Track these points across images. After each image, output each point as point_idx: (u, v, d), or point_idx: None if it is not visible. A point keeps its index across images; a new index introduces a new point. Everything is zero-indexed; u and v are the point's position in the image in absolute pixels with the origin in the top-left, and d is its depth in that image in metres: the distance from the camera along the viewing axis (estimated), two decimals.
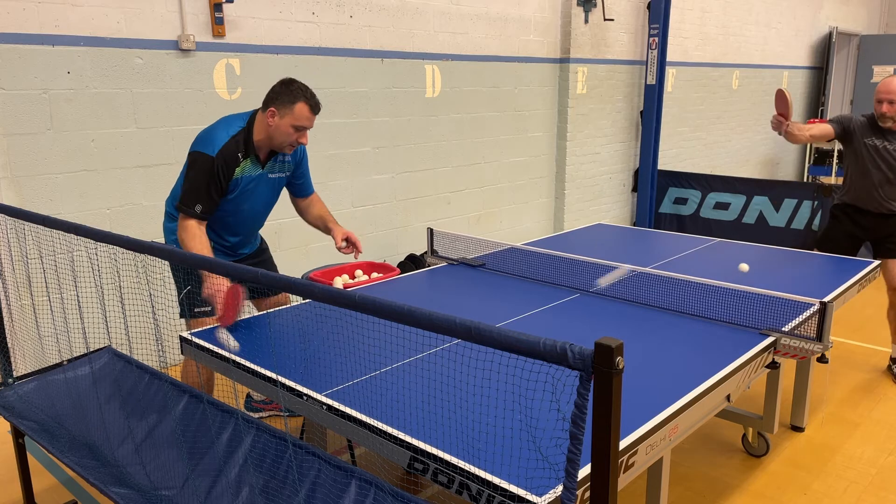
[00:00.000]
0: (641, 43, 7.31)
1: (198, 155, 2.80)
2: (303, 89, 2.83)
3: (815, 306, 2.54)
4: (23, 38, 3.53)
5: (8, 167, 3.58)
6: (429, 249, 3.72)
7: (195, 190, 2.80)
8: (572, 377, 1.92)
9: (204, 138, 2.84)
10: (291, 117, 2.81)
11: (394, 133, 5.31)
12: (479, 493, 1.58)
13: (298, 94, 2.80)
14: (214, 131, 2.84)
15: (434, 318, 1.28)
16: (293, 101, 2.80)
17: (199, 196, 2.80)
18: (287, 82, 2.84)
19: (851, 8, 11.95)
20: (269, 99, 2.84)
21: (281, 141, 2.86)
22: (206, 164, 2.78)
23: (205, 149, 2.80)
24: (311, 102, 2.84)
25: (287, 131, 2.83)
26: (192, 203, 2.80)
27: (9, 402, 2.55)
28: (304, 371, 2.19)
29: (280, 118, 2.81)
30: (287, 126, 2.82)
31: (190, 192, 2.81)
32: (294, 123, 2.82)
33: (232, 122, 2.88)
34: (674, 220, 7.43)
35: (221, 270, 1.68)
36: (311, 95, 2.85)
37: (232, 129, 2.85)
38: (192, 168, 2.82)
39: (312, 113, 2.85)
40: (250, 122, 2.88)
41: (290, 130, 2.83)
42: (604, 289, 3.01)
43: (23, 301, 3.68)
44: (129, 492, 1.96)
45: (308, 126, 2.87)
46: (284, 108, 2.80)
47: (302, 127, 2.84)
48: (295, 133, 2.85)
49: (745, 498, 2.86)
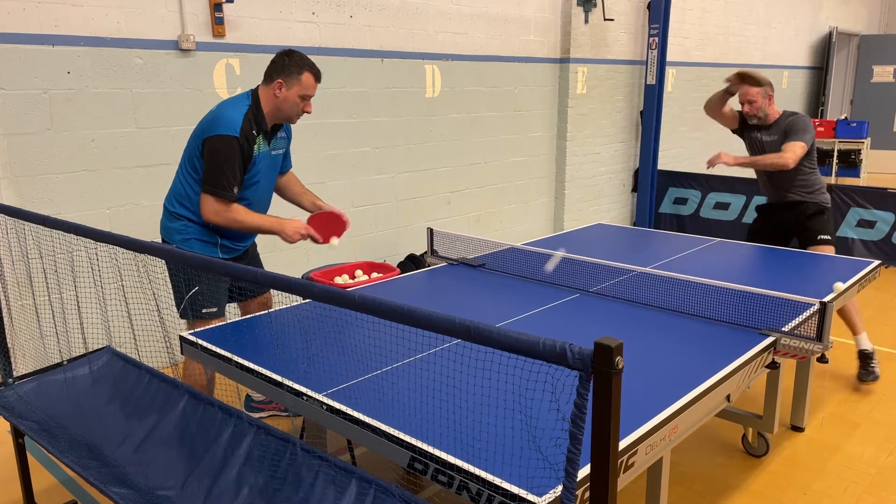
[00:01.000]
0: (641, 43, 7.31)
1: (221, 138, 2.79)
2: (305, 59, 2.91)
3: (815, 306, 2.54)
4: (23, 38, 3.53)
5: (8, 167, 3.58)
6: (429, 249, 3.72)
7: (226, 173, 2.81)
8: (572, 377, 1.92)
9: (218, 121, 2.83)
10: (299, 87, 2.89)
11: (394, 133, 5.31)
12: (479, 493, 1.58)
13: (303, 65, 2.89)
14: (225, 112, 2.84)
15: (434, 318, 1.28)
16: (300, 72, 2.88)
17: (233, 178, 2.83)
18: (288, 53, 2.90)
19: (851, 8, 11.95)
20: (274, 71, 2.89)
21: (289, 112, 2.93)
22: (232, 145, 2.80)
23: (225, 130, 2.80)
24: (315, 71, 2.94)
25: (295, 101, 2.91)
26: (230, 186, 2.82)
27: (9, 402, 2.55)
28: (304, 371, 2.19)
29: (288, 89, 2.88)
30: (295, 96, 2.89)
31: (224, 176, 2.81)
32: (301, 93, 2.90)
33: (238, 102, 2.89)
34: (674, 220, 7.43)
35: (221, 270, 1.68)
36: (312, 64, 2.94)
37: (242, 108, 2.86)
38: (216, 152, 2.80)
39: (317, 81, 2.95)
40: (255, 98, 2.91)
41: (297, 100, 2.91)
42: (604, 289, 3.01)
43: (23, 301, 3.68)
44: (129, 492, 1.96)
45: (313, 94, 2.96)
46: (291, 79, 2.87)
47: (308, 96, 2.93)
48: (301, 102, 2.93)
49: (745, 498, 2.86)
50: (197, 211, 2.93)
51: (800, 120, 3.94)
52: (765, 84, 3.97)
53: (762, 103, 3.98)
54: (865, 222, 6.28)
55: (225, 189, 2.81)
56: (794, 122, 3.94)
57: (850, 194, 6.36)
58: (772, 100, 4.02)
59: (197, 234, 2.94)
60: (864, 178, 9.81)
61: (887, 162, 11.47)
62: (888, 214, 6.17)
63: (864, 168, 9.88)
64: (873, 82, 11.66)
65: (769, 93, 4.00)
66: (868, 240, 6.28)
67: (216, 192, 2.81)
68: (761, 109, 3.99)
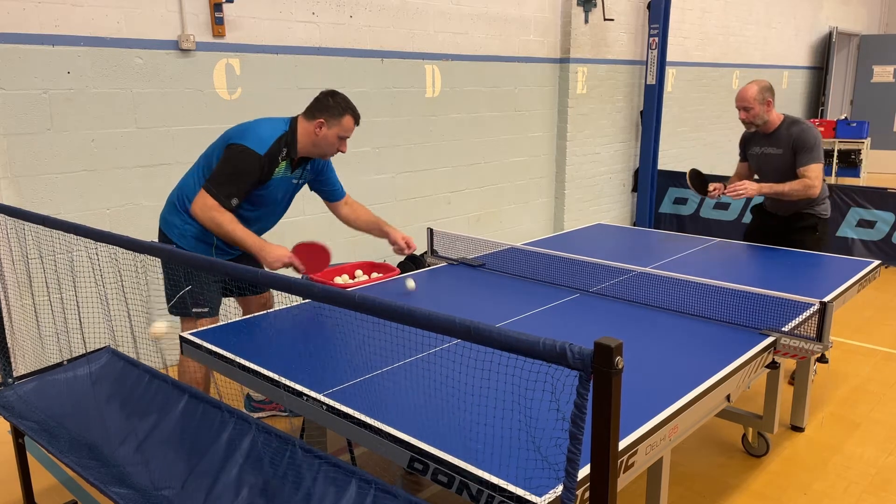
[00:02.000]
0: (641, 43, 7.31)
1: (244, 150, 2.83)
2: (347, 102, 3.00)
3: (815, 306, 2.54)
4: (23, 38, 3.53)
5: (8, 167, 3.58)
6: (429, 249, 3.72)
7: (235, 183, 2.83)
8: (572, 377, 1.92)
9: (250, 133, 2.87)
10: (339, 128, 2.97)
11: (394, 133, 5.31)
12: (479, 493, 1.58)
13: (346, 108, 2.98)
14: (260, 128, 2.89)
15: (434, 318, 1.28)
16: (341, 115, 2.96)
17: (239, 190, 2.85)
18: (332, 94, 2.98)
19: (851, 8, 11.95)
20: (318, 109, 2.95)
21: (325, 150, 3.01)
22: (252, 161, 2.83)
23: (253, 145, 2.83)
24: (355, 114, 3.02)
25: (333, 141, 2.99)
26: (229, 195, 2.84)
27: (9, 402, 2.55)
28: (303, 371, 2.18)
29: (328, 129, 2.95)
30: (334, 136, 2.97)
31: (228, 185, 2.83)
32: (340, 134, 2.99)
33: (276, 123, 2.94)
34: (674, 220, 7.43)
35: (221, 270, 1.68)
36: (354, 108, 3.02)
37: (278, 131, 2.91)
38: (235, 161, 2.82)
39: (356, 124, 3.03)
40: (293, 127, 2.96)
41: (335, 140, 2.99)
42: (604, 289, 3.01)
43: (23, 301, 3.68)
44: (129, 492, 1.96)
45: (350, 135, 3.05)
46: (333, 120, 2.94)
47: (346, 137, 3.02)
48: (339, 142, 3.01)
49: (745, 498, 2.86)
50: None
51: (808, 134, 3.68)
52: (762, 88, 3.73)
53: (760, 110, 3.73)
54: (865, 222, 6.28)
55: (226, 197, 2.84)
56: (804, 139, 3.67)
57: (850, 194, 6.35)
58: (771, 105, 3.76)
59: (195, 232, 2.95)
60: (864, 178, 9.82)
61: (887, 162, 11.47)
62: (888, 214, 6.17)
63: (864, 168, 9.88)
64: (873, 82, 11.66)
65: (767, 98, 3.73)
66: (868, 240, 6.27)
67: (215, 195, 2.82)
68: (759, 117, 3.74)
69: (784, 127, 3.78)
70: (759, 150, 3.90)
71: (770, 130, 3.82)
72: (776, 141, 3.80)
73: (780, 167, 3.80)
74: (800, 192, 3.69)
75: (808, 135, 3.69)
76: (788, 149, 3.74)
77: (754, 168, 4.01)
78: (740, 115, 3.82)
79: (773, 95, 3.78)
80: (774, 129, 3.81)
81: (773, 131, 3.82)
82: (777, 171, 3.82)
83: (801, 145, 3.69)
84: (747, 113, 3.77)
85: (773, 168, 3.85)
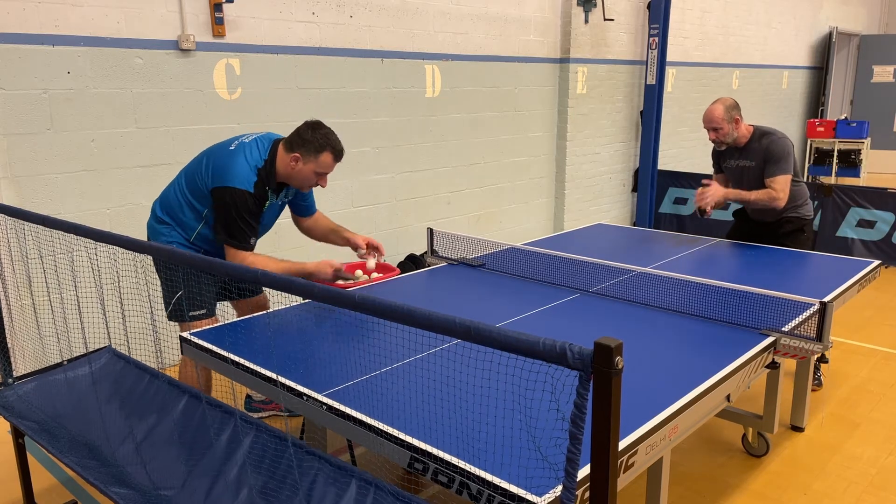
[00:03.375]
0: (641, 43, 7.31)
1: (234, 192, 2.78)
2: (329, 137, 2.86)
3: (815, 306, 2.54)
4: (23, 38, 3.53)
5: (8, 167, 3.58)
6: (429, 249, 3.72)
7: (244, 225, 2.83)
8: (572, 377, 1.92)
9: (228, 173, 2.81)
10: (315, 165, 2.87)
11: (394, 133, 5.31)
12: (479, 493, 1.58)
13: (325, 144, 2.85)
14: (236, 165, 2.82)
15: (434, 318, 1.28)
16: (319, 151, 2.84)
17: (252, 229, 2.86)
18: (314, 126, 2.86)
19: (851, 8, 11.95)
20: (295, 143, 2.86)
21: (301, 183, 2.94)
22: (247, 198, 2.80)
23: (239, 185, 2.79)
24: (336, 151, 2.89)
25: (308, 176, 2.90)
26: (247, 238, 2.86)
27: (9, 402, 2.55)
28: (303, 371, 2.19)
29: (304, 164, 2.86)
30: (310, 171, 2.88)
31: (240, 230, 2.83)
32: (317, 170, 2.89)
33: (250, 153, 2.86)
34: (674, 220, 7.43)
35: (221, 270, 1.68)
36: (336, 143, 2.89)
37: (256, 163, 2.84)
38: (231, 204, 2.80)
39: (336, 161, 2.91)
40: (272, 155, 2.88)
41: (311, 175, 2.90)
42: (604, 289, 3.01)
43: (23, 301, 3.68)
44: (129, 492, 1.96)
45: (329, 172, 2.94)
46: (309, 156, 2.85)
47: (324, 173, 2.92)
48: (316, 178, 2.92)
49: (745, 498, 2.86)
50: (180, 222, 2.96)
51: (777, 146, 3.71)
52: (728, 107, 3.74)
53: (728, 129, 3.76)
54: (865, 222, 6.28)
55: (243, 241, 2.85)
56: (772, 150, 3.71)
57: (850, 194, 6.35)
58: (739, 122, 3.78)
59: (178, 240, 2.97)
60: (864, 178, 9.82)
61: (887, 162, 11.47)
62: (888, 214, 6.17)
63: (864, 168, 9.89)
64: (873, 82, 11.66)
65: (735, 116, 3.76)
66: (868, 240, 6.27)
67: (238, 246, 2.85)
68: (728, 135, 3.78)
69: (755, 139, 3.82)
70: (734, 163, 3.93)
71: (742, 144, 3.85)
72: (749, 153, 3.84)
73: (755, 179, 3.83)
74: (764, 201, 3.73)
75: (777, 146, 3.72)
76: (760, 160, 3.78)
77: (731, 180, 4.01)
78: (710, 135, 3.85)
79: (740, 111, 3.82)
80: (746, 143, 3.84)
81: (745, 144, 3.85)
82: (751, 182, 3.85)
83: (769, 156, 3.73)
84: (717, 133, 3.81)
85: (747, 180, 3.87)
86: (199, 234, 2.96)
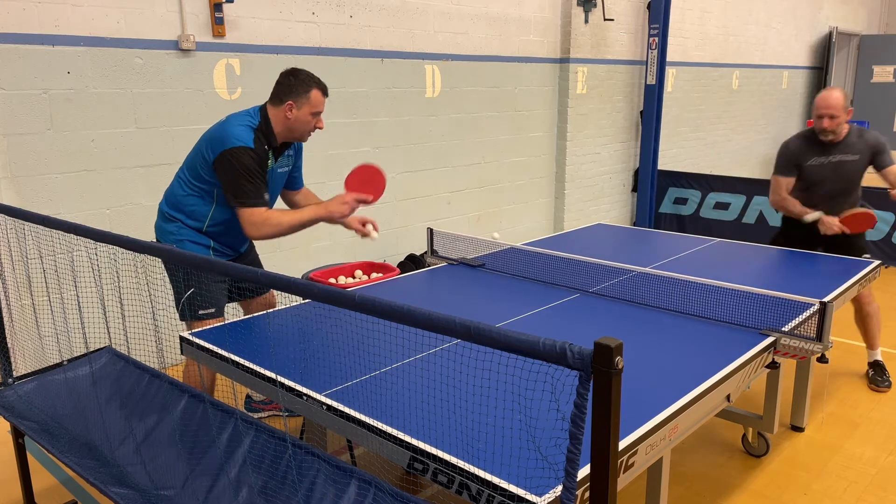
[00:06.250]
0: (641, 43, 7.31)
1: (234, 151, 2.78)
2: (311, 76, 2.91)
3: (815, 306, 2.54)
4: (23, 38, 3.53)
5: (8, 167, 3.58)
6: (429, 249, 3.72)
7: (254, 181, 2.81)
8: (572, 377, 1.92)
9: (226, 136, 2.81)
10: (309, 105, 2.89)
11: (394, 133, 5.31)
12: (479, 493, 1.58)
13: (310, 82, 2.89)
14: (233, 127, 2.83)
15: (434, 318, 1.28)
16: (307, 90, 2.88)
17: (262, 184, 2.84)
18: (294, 72, 2.90)
19: (851, 8, 11.95)
20: (283, 92, 2.88)
21: (302, 130, 2.94)
22: (251, 154, 2.80)
23: (237, 142, 2.79)
24: (322, 87, 2.94)
25: (307, 119, 2.91)
26: (258, 193, 2.83)
27: (9, 402, 2.55)
28: (303, 371, 2.19)
29: (298, 109, 2.88)
30: (306, 115, 2.90)
31: (249, 186, 2.81)
32: (312, 111, 2.91)
33: (246, 118, 2.89)
34: (674, 220, 7.43)
35: (221, 270, 1.68)
36: (319, 80, 2.94)
37: (251, 124, 2.86)
38: (237, 163, 2.79)
39: (324, 96, 2.95)
40: (264, 116, 2.90)
41: (309, 118, 2.92)
42: (604, 289, 3.01)
43: (23, 301, 3.68)
44: (129, 492, 1.96)
45: (322, 110, 2.96)
46: (300, 99, 2.87)
47: (318, 112, 2.94)
48: (313, 119, 2.94)
49: (745, 498, 2.86)
50: (190, 214, 2.95)
51: (881, 137, 3.74)
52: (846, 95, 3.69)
53: (843, 118, 3.65)
54: None
55: (256, 197, 2.82)
56: (881, 142, 3.72)
57: None
58: (850, 113, 3.71)
59: (190, 236, 2.96)
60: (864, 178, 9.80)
61: None
62: (888, 214, 6.17)
63: None
64: (873, 82, 11.66)
65: (848, 107, 3.68)
66: (868, 240, 6.26)
67: (247, 204, 2.82)
68: (841, 125, 3.67)
69: (853, 134, 3.77)
70: (825, 159, 3.78)
71: (839, 140, 3.76)
72: (849, 148, 3.76)
73: (853, 174, 3.81)
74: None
75: (881, 137, 3.79)
76: (867, 154, 3.75)
77: (812, 180, 3.85)
78: (824, 122, 3.67)
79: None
80: (845, 137, 3.77)
81: (844, 139, 3.77)
82: (848, 177, 3.81)
83: (880, 148, 3.75)
84: (832, 121, 3.65)
85: (844, 176, 3.80)
86: (212, 217, 2.95)
